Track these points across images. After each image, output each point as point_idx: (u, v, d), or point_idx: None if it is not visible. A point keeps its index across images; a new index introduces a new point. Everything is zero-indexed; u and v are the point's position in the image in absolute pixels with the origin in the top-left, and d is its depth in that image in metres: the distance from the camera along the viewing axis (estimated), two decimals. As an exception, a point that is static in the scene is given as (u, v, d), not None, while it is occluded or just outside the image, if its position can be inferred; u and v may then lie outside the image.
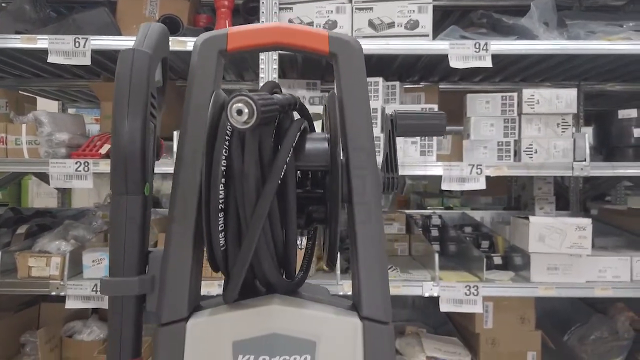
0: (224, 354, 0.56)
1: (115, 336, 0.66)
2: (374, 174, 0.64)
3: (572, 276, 2.02)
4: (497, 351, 2.22)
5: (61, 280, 2.01)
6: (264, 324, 0.56)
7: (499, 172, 2.03)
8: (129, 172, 0.67)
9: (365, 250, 0.61)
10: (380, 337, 0.58)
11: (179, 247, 0.61)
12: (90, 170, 2.00)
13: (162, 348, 0.58)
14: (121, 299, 0.66)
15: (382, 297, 0.60)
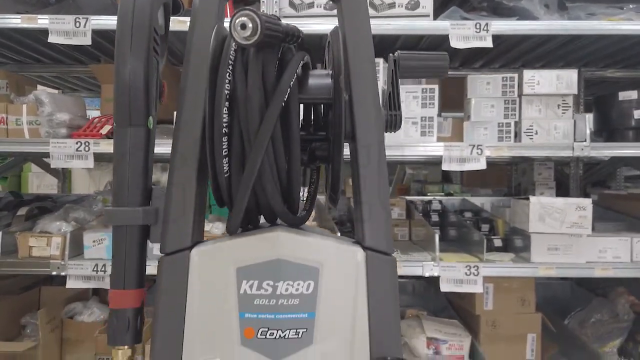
0: (228, 280, 0.56)
1: (119, 266, 0.66)
2: (377, 110, 0.64)
3: (573, 256, 2.02)
4: (497, 333, 2.23)
5: (62, 260, 2.01)
6: (268, 250, 0.56)
7: (500, 153, 2.03)
8: (132, 103, 0.67)
9: (368, 185, 0.61)
10: (382, 266, 0.59)
11: (183, 178, 0.62)
12: (90, 150, 2.00)
13: (166, 276, 0.58)
14: (125, 229, 0.66)
15: (384, 230, 0.60)
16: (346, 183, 2.84)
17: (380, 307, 0.58)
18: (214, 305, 0.56)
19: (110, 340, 0.67)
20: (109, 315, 0.68)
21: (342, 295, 0.57)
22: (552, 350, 2.27)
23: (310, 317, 0.55)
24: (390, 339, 0.57)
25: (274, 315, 0.55)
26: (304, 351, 0.55)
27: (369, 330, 0.57)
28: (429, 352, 2.11)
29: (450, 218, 2.57)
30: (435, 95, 2.06)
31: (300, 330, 0.55)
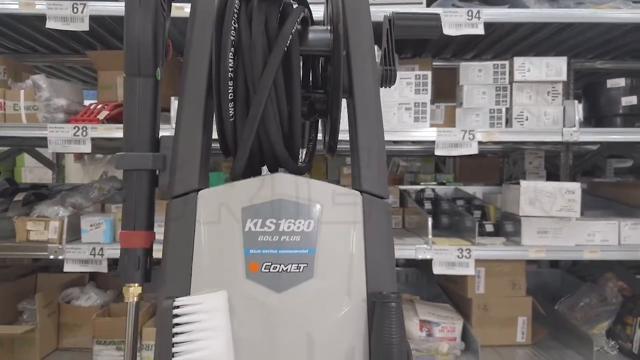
0: (234, 219, 0.59)
1: (129, 209, 0.69)
2: (373, 65, 0.67)
3: (562, 240, 2.07)
4: (488, 316, 2.27)
5: (59, 244, 2.03)
6: (271, 191, 0.59)
7: (491, 138, 2.07)
8: (141, 55, 0.70)
9: (365, 135, 0.64)
10: (378, 209, 0.62)
11: (190, 125, 0.64)
12: (88, 136, 2.02)
13: (174, 218, 0.61)
14: (135, 174, 0.69)
15: (379, 176, 0.63)
16: (341, 173, 2.87)
17: (375, 246, 0.61)
18: (220, 242, 0.59)
19: (121, 278, 0.70)
20: (120, 255, 0.71)
21: (340, 234, 0.60)
22: (542, 333, 2.31)
23: (310, 252, 0.59)
24: (385, 275, 0.61)
25: (277, 250, 0.58)
26: (305, 284, 0.58)
27: (366, 267, 0.60)
28: (422, 334, 2.14)
29: (442, 206, 2.61)
30: (428, 82, 2.10)
31: (301, 264, 0.58)
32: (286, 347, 0.57)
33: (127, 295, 0.69)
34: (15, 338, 2.04)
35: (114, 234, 2.10)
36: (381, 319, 0.57)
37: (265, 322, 0.57)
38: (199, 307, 0.55)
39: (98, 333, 2.04)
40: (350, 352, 0.59)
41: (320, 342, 0.57)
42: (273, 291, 0.57)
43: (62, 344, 2.20)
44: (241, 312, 0.55)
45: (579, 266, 2.96)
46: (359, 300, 0.60)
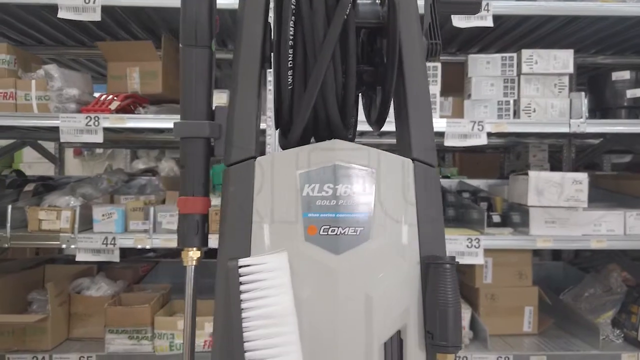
0: (291, 184, 0.61)
1: (187, 176, 0.70)
2: (420, 37, 0.69)
3: (569, 229, 2.10)
4: (495, 305, 2.30)
5: (72, 233, 2.04)
6: (327, 156, 0.61)
7: (500, 129, 2.10)
8: (198, 25, 0.72)
9: (415, 103, 0.66)
10: (429, 176, 0.64)
11: (246, 93, 0.66)
12: (100, 125, 2.03)
13: (232, 184, 0.63)
14: (193, 141, 0.71)
15: (429, 145, 0.65)
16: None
17: (427, 212, 0.63)
18: (279, 207, 0.61)
19: (180, 243, 0.72)
20: (179, 220, 0.72)
21: (393, 199, 0.62)
22: (548, 323, 2.34)
23: (366, 216, 0.61)
24: (436, 241, 0.63)
25: (335, 214, 0.60)
26: (362, 246, 0.60)
27: (418, 232, 0.62)
28: (431, 323, 2.16)
29: (448, 198, 2.64)
30: (438, 73, 2.12)
31: (357, 228, 0.60)
32: (345, 306, 0.59)
33: (186, 259, 0.70)
34: (27, 327, 2.05)
35: (126, 224, 2.11)
36: (436, 280, 0.59)
37: (325, 283, 0.59)
38: (263, 267, 0.57)
39: (110, 322, 2.05)
40: (405, 312, 0.61)
41: (377, 302, 0.59)
42: (331, 253, 0.59)
43: (73, 334, 2.20)
44: (301, 274, 0.57)
45: (581, 258, 3.00)
46: (413, 263, 0.62)
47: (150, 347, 2.06)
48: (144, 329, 2.05)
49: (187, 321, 0.70)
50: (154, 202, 2.19)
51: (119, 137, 2.91)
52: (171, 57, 2.38)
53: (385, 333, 0.60)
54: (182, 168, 0.71)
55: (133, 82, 2.27)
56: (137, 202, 2.15)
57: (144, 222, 2.10)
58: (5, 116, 2.05)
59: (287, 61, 0.67)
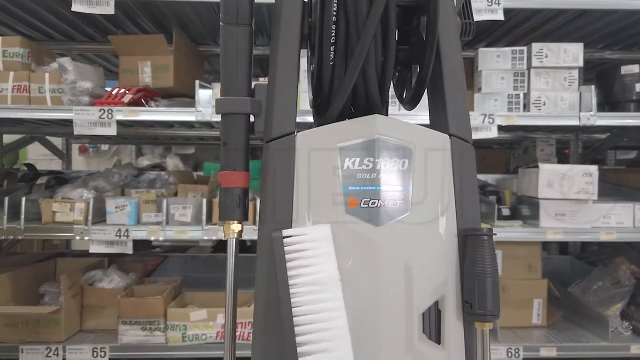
0: (332, 158, 0.62)
1: (229, 151, 0.72)
2: (454, 16, 0.71)
3: (579, 222, 2.11)
4: (505, 298, 2.31)
5: (85, 225, 2.06)
6: (367, 130, 0.62)
7: (510, 122, 2.11)
8: (240, 4, 0.73)
9: (451, 81, 0.68)
10: (465, 151, 0.66)
11: (286, 69, 0.67)
12: (113, 118, 2.05)
13: (274, 159, 0.64)
14: (234, 117, 0.72)
15: (465, 122, 0.67)
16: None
17: (463, 186, 0.65)
18: (320, 180, 0.62)
19: (221, 216, 0.73)
20: (220, 195, 0.73)
21: (432, 173, 0.64)
22: (557, 315, 2.36)
23: (405, 190, 0.62)
24: (473, 214, 0.65)
25: (375, 187, 0.61)
26: (401, 219, 0.61)
27: (455, 205, 0.64)
28: (442, 314, 2.18)
29: (457, 192, 2.65)
30: (448, 66, 2.13)
31: (397, 200, 0.61)
32: (385, 277, 0.60)
33: (227, 232, 0.72)
34: (40, 319, 2.06)
35: (139, 216, 2.13)
36: (474, 251, 0.61)
37: (366, 254, 0.60)
38: (307, 237, 0.58)
39: (123, 313, 2.06)
40: (444, 283, 0.63)
41: (416, 273, 0.61)
42: (372, 225, 0.60)
43: (85, 326, 2.22)
44: (342, 245, 0.58)
45: (588, 252, 3.02)
46: (451, 235, 0.64)
47: (163, 339, 2.07)
48: (156, 320, 2.06)
49: (229, 292, 0.71)
50: (166, 195, 2.20)
51: (128, 131, 2.93)
52: (182, 52, 2.39)
53: (424, 303, 0.61)
54: (223, 144, 0.72)
55: (145, 75, 2.28)
56: (150, 195, 2.16)
57: (157, 214, 2.12)
58: (20, 109, 2.06)
59: (329, 37, 0.68)
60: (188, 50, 2.51)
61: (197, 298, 2.28)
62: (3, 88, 2.09)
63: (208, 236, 2.09)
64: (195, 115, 2.06)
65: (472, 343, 0.62)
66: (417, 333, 0.60)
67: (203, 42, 2.82)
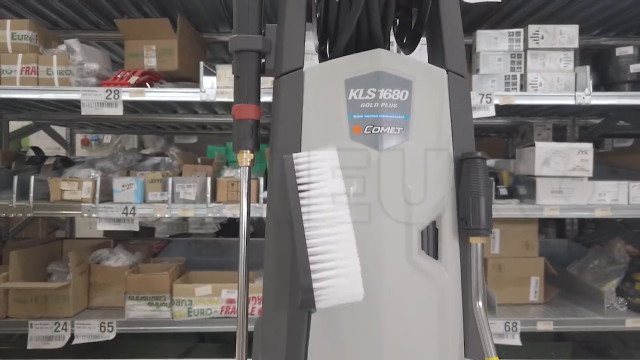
0: (338, 90, 0.67)
1: (241, 86, 0.76)
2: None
3: (575, 199, 2.16)
4: (503, 276, 2.36)
5: (92, 203, 2.10)
6: (371, 64, 0.67)
7: (507, 101, 2.16)
8: None
9: (448, 21, 0.72)
10: (460, 85, 0.71)
11: (295, 7, 0.71)
12: (120, 99, 2.09)
13: (283, 92, 0.69)
14: (247, 54, 0.77)
15: (461, 59, 0.72)
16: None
17: (459, 117, 0.70)
18: (327, 110, 0.67)
19: (235, 147, 0.77)
20: (234, 126, 0.78)
21: (430, 104, 0.68)
22: (554, 293, 2.41)
23: (406, 118, 0.67)
24: (468, 142, 0.70)
25: (377, 115, 0.66)
26: (402, 145, 0.66)
27: (452, 133, 0.69)
28: (441, 290, 2.23)
29: (455, 174, 2.70)
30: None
31: (398, 128, 0.66)
32: (386, 196, 0.65)
33: (241, 160, 0.76)
34: (49, 295, 2.11)
35: (145, 195, 2.17)
36: (469, 173, 0.66)
37: (369, 176, 0.65)
38: (315, 158, 0.63)
39: (130, 289, 2.11)
40: (440, 204, 0.68)
41: (415, 194, 0.66)
42: (374, 149, 0.65)
43: (92, 304, 2.27)
44: (347, 168, 0.63)
45: (585, 235, 3.07)
46: (447, 160, 0.69)
47: (169, 314, 2.12)
48: (163, 296, 2.11)
49: (242, 222, 0.75)
50: (171, 175, 2.25)
51: (132, 118, 2.98)
52: (186, 37, 2.44)
53: (423, 222, 0.66)
54: (236, 78, 0.77)
55: (150, 59, 2.34)
56: (155, 175, 2.21)
57: (162, 193, 2.16)
58: (28, 89, 2.11)
59: None
60: (191, 35, 2.56)
61: (201, 277, 2.33)
62: (12, 70, 2.14)
63: (212, 214, 2.14)
64: (199, 95, 2.11)
65: (467, 258, 0.67)
66: (416, 248, 0.65)
67: (206, 29, 2.87)
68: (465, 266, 0.67)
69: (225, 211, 2.14)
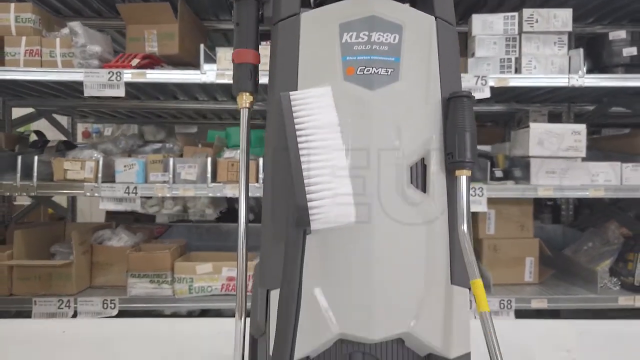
0: (332, 33, 0.71)
1: (242, 32, 0.80)
2: None
3: (568, 179, 2.20)
4: (498, 256, 2.40)
5: (95, 183, 2.15)
6: (364, 9, 0.71)
7: (502, 83, 2.21)
8: None
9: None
10: (449, 32, 0.74)
11: None
12: (122, 80, 2.14)
13: (282, 37, 0.73)
14: (245, 2, 0.80)
15: (449, 7, 0.75)
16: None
17: (447, 61, 0.73)
18: (321, 53, 0.71)
19: (234, 89, 0.81)
20: (234, 70, 0.82)
21: (419, 47, 0.72)
22: (548, 273, 2.45)
23: (396, 60, 0.71)
24: (455, 84, 0.74)
25: (369, 57, 0.70)
26: (392, 85, 0.70)
27: (440, 76, 0.73)
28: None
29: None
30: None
31: (389, 69, 0.70)
32: (378, 133, 0.69)
33: (241, 102, 0.80)
34: (52, 273, 2.15)
35: (146, 175, 2.21)
36: (455, 110, 0.70)
37: (361, 114, 0.69)
38: (310, 94, 0.67)
39: (132, 267, 2.15)
40: (429, 141, 0.72)
41: (405, 131, 0.70)
42: (367, 89, 0.69)
43: (95, 282, 2.31)
44: (341, 107, 0.67)
45: (580, 220, 3.11)
46: (436, 101, 0.73)
47: (170, 291, 2.16)
48: (164, 274, 2.15)
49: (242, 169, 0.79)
50: (172, 156, 2.29)
51: (133, 105, 3.01)
52: (187, 22, 2.49)
53: (412, 158, 0.70)
54: (236, 25, 0.81)
55: (151, 43, 2.37)
56: (157, 156, 2.25)
57: (164, 173, 2.20)
58: (32, 71, 2.15)
59: None
60: (192, 21, 2.60)
61: (202, 257, 2.37)
62: (15, 52, 2.18)
63: (213, 193, 2.18)
64: (200, 76, 2.15)
65: (453, 191, 0.71)
66: (406, 182, 0.69)
67: (206, 17, 2.91)
68: (452, 199, 0.71)
69: (225, 191, 2.18)
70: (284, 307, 0.61)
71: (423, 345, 0.70)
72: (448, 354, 0.70)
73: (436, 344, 0.70)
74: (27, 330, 1.22)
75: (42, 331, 1.22)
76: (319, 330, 0.68)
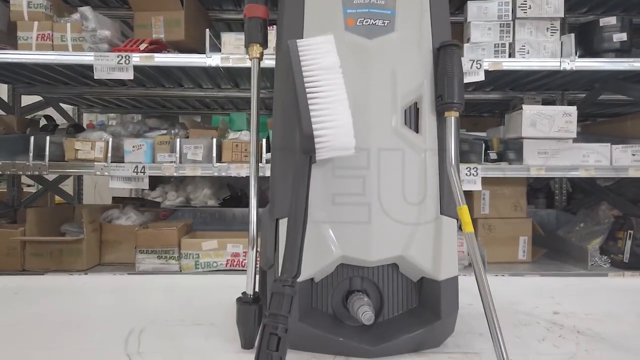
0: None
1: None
2: None
3: (560, 160, 2.29)
4: (492, 236, 2.49)
5: (105, 162, 2.23)
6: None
7: (496, 67, 2.29)
8: None
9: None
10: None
11: None
12: (131, 63, 2.22)
13: (289, -3, 0.81)
14: None
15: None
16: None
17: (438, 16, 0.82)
18: (324, 7, 0.80)
19: (246, 41, 0.89)
20: (245, 23, 0.90)
21: (413, 2, 0.81)
22: (541, 252, 2.53)
23: (392, 13, 0.79)
24: (445, 35, 0.82)
25: (368, 9, 0.78)
26: (389, 35, 0.78)
27: (431, 27, 0.81)
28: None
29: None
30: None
31: (385, 21, 0.79)
32: (376, 78, 0.78)
33: (252, 53, 0.88)
34: (63, 249, 2.23)
35: (154, 155, 2.29)
36: (445, 57, 0.78)
37: (361, 60, 0.78)
38: (314, 41, 0.75)
39: (140, 244, 2.24)
40: (421, 86, 0.80)
41: (400, 76, 0.78)
42: (366, 38, 0.78)
43: (104, 260, 2.39)
44: (342, 54, 0.75)
45: (572, 204, 3.19)
46: (427, 50, 0.81)
47: (177, 266, 2.25)
48: (171, 250, 2.24)
49: (253, 117, 0.87)
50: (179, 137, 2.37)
51: (138, 93, 3.10)
52: (192, 9, 2.57)
53: (406, 101, 0.78)
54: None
55: (158, 29, 2.46)
56: (164, 137, 2.33)
57: (170, 154, 2.29)
58: (44, 54, 2.24)
59: None
60: (197, 9, 2.68)
61: (207, 235, 2.46)
62: (28, 37, 2.27)
63: (218, 173, 2.26)
64: (205, 60, 2.24)
65: (443, 130, 0.80)
66: (400, 122, 0.78)
67: (210, 7, 3.00)
68: (442, 137, 0.80)
69: (230, 171, 2.27)
70: (293, 225, 0.69)
71: (415, 268, 0.79)
72: (437, 277, 0.79)
73: (427, 268, 0.79)
74: (52, 282, 1.31)
75: (65, 283, 1.30)
76: (323, 253, 0.76)
